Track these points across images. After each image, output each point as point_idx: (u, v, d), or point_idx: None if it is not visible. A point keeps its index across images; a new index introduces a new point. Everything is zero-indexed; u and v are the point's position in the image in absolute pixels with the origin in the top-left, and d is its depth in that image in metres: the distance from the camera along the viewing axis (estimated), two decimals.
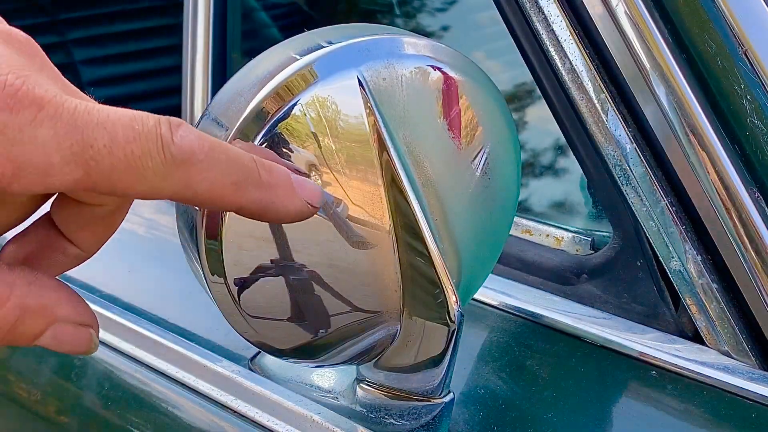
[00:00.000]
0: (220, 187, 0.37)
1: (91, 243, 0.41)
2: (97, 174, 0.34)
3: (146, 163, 0.35)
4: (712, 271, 0.56)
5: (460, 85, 0.49)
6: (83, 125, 0.34)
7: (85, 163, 0.34)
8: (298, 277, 0.48)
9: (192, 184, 0.36)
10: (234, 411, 0.64)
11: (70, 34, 1.64)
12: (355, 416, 0.57)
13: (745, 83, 0.52)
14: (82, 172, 0.34)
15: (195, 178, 0.36)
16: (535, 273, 0.66)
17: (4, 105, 0.33)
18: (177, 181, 0.36)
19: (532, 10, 0.58)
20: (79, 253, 0.41)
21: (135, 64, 1.68)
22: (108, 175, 0.35)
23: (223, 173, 0.37)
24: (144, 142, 0.35)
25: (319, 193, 0.41)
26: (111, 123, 0.35)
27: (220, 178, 0.37)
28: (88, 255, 0.41)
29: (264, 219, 0.40)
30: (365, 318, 0.50)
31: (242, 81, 0.47)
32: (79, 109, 0.34)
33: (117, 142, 0.34)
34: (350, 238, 0.48)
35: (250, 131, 0.45)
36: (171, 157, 0.35)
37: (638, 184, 0.56)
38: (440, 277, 0.49)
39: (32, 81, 0.34)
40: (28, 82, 0.34)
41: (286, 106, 0.45)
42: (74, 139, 0.34)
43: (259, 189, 0.39)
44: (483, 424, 0.57)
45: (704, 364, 0.56)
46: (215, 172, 0.37)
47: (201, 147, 0.36)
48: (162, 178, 0.36)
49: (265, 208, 0.39)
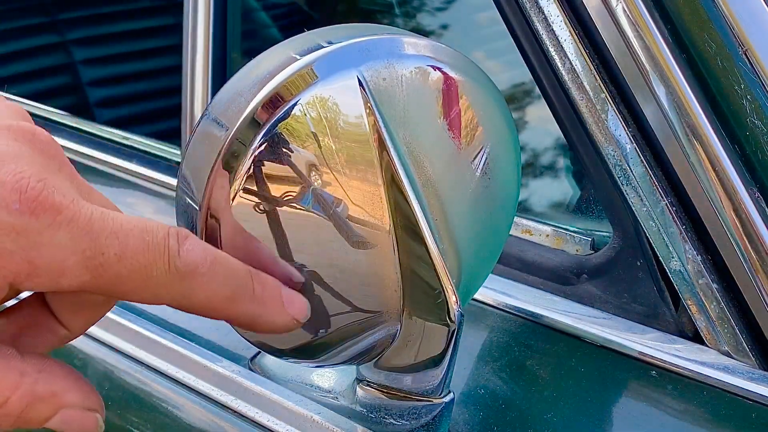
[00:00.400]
0: (216, 299, 0.39)
1: (80, 325, 0.43)
2: (104, 280, 0.36)
3: (151, 273, 0.37)
4: (712, 271, 0.56)
5: (460, 85, 0.49)
6: (98, 232, 0.36)
7: (95, 268, 0.36)
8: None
9: (190, 296, 0.38)
10: (234, 411, 0.64)
11: (70, 34, 1.64)
12: (355, 416, 0.57)
13: (745, 83, 0.52)
14: (91, 276, 0.36)
15: (194, 291, 0.38)
16: (535, 273, 0.66)
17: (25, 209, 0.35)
18: (177, 292, 0.38)
19: (532, 10, 0.58)
20: (67, 334, 0.42)
21: (135, 64, 1.68)
22: (113, 281, 0.37)
23: (220, 286, 0.39)
24: (152, 254, 0.37)
25: (305, 308, 0.44)
26: (124, 233, 0.37)
27: (217, 291, 0.39)
28: (75, 336, 0.43)
29: (251, 329, 0.42)
30: (365, 318, 0.50)
31: (242, 81, 0.47)
32: (95, 216, 0.36)
33: (127, 252, 0.36)
34: (350, 238, 0.48)
35: (250, 131, 0.45)
36: (175, 270, 0.38)
37: (638, 184, 0.56)
38: (440, 277, 0.49)
39: (51, 185, 0.36)
40: (47, 186, 0.36)
41: (287, 106, 0.45)
42: (88, 245, 0.36)
43: (252, 303, 0.41)
44: (483, 424, 0.57)
45: (704, 364, 0.56)
46: (214, 285, 0.39)
47: (204, 261, 0.38)
48: (163, 288, 0.38)
49: (254, 320, 0.41)
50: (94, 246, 0.36)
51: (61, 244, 0.35)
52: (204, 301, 0.39)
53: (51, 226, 0.35)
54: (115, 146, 0.98)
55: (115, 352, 0.74)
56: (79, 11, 1.66)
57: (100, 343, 0.76)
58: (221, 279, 0.39)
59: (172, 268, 0.37)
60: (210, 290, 0.39)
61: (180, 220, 0.48)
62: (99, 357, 0.75)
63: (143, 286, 0.37)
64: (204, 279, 0.39)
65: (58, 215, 0.35)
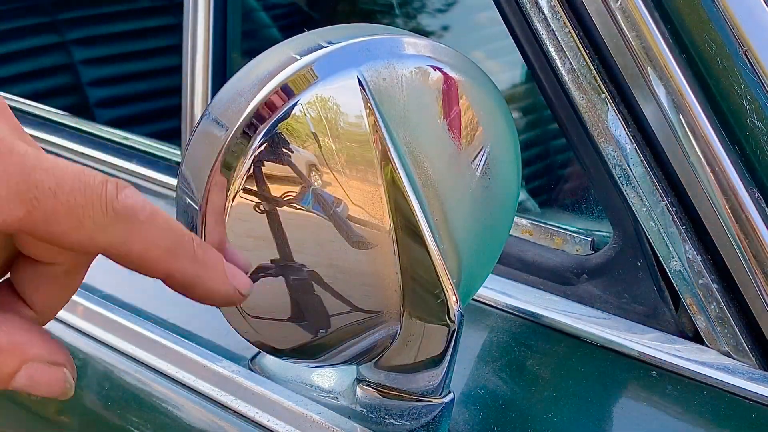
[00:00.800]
0: (153, 249, 0.38)
1: (45, 305, 0.42)
2: (39, 214, 0.36)
3: (87, 212, 0.36)
4: (712, 271, 0.56)
5: (460, 85, 0.49)
6: (31, 167, 0.35)
7: (29, 201, 0.35)
8: (298, 277, 0.48)
9: (127, 242, 0.38)
10: (234, 411, 0.64)
11: (70, 34, 1.64)
12: (355, 416, 0.57)
13: (745, 83, 0.52)
14: (24, 211, 0.35)
15: (131, 237, 0.38)
16: (535, 273, 0.66)
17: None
18: (114, 236, 0.37)
19: (532, 10, 0.58)
20: (34, 316, 0.42)
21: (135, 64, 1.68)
22: (48, 217, 0.36)
23: (159, 237, 0.38)
24: (89, 193, 0.36)
25: (248, 283, 0.42)
26: (60, 170, 0.36)
27: (155, 241, 0.38)
28: (43, 320, 0.42)
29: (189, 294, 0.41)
30: (365, 318, 0.50)
31: (242, 81, 0.47)
32: (29, 152, 0.36)
33: (62, 188, 0.36)
34: (350, 238, 0.48)
35: (251, 131, 0.45)
36: (112, 211, 0.37)
37: (638, 184, 0.56)
38: (440, 277, 0.49)
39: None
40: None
41: (287, 106, 0.45)
42: (21, 177, 0.35)
43: (191, 262, 0.40)
44: (483, 424, 0.57)
45: (704, 364, 0.56)
46: (152, 234, 0.38)
47: (143, 209, 0.38)
48: (100, 229, 0.37)
49: (193, 282, 0.40)
50: (28, 179, 0.35)
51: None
52: (141, 250, 0.38)
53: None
54: (115, 146, 0.98)
55: (115, 352, 0.74)
56: (79, 11, 1.66)
57: (100, 343, 0.76)
58: (161, 231, 0.38)
59: (110, 209, 0.37)
60: (148, 239, 0.38)
61: (180, 220, 0.48)
62: (99, 357, 0.75)
63: (79, 226, 0.36)
64: (142, 226, 0.38)
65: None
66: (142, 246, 0.38)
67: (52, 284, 0.41)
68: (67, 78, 1.63)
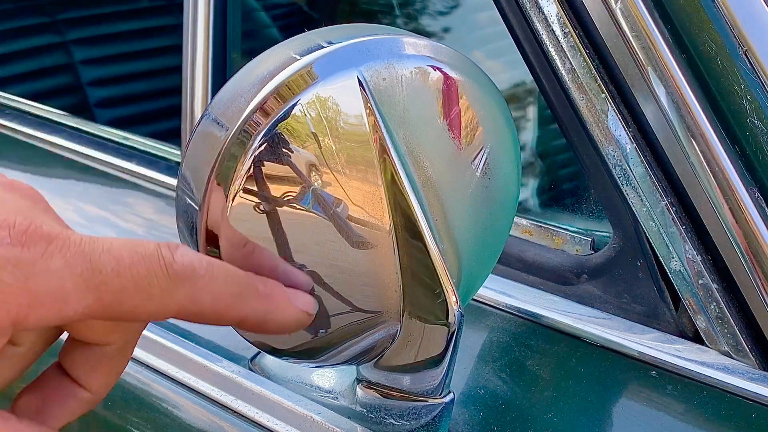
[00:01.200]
0: (222, 299, 0.40)
1: (101, 385, 0.43)
2: (108, 296, 0.37)
3: (152, 281, 0.38)
4: (712, 271, 0.56)
5: (460, 85, 0.49)
6: (90, 253, 0.37)
7: (96, 287, 0.37)
8: None
9: (196, 299, 0.39)
10: (234, 411, 0.64)
11: (70, 34, 1.64)
12: (355, 416, 0.57)
13: (745, 83, 0.52)
14: (94, 297, 0.37)
15: (198, 293, 0.39)
16: (535, 273, 0.66)
17: (16, 242, 0.36)
18: (182, 297, 0.38)
19: (532, 10, 0.58)
20: (90, 396, 0.43)
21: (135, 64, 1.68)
22: (118, 296, 0.37)
23: (223, 286, 0.40)
24: (148, 263, 0.38)
25: (311, 300, 0.44)
26: (116, 249, 0.38)
27: (221, 291, 0.40)
28: (99, 398, 0.43)
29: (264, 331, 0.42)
30: (365, 318, 0.50)
31: (242, 81, 0.47)
32: (84, 240, 0.37)
33: (123, 265, 0.37)
34: (350, 239, 0.48)
35: (250, 131, 0.45)
36: (174, 274, 0.38)
37: (638, 184, 0.56)
38: (440, 277, 0.49)
39: (39, 220, 0.37)
40: (35, 222, 0.37)
41: (287, 106, 0.45)
42: (84, 266, 0.37)
43: (258, 299, 0.41)
44: (483, 424, 0.57)
45: (704, 364, 0.56)
46: (216, 285, 0.39)
47: (200, 264, 0.39)
48: (168, 295, 0.38)
49: (264, 319, 0.42)
50: (91, 266, 0.37)
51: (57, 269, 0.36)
52: (211, 303, 0.39)
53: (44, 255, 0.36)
54: (115, 146, 0.98)
55: None
56: (79, 11, 1.66)
57: None
58: (222, 279, 0.40)
59: (171, 272, 0.38)
60: (215, 291, 0.39)
61: (180, 220, 0.48)
62: None
63: (147, 297, 0.38)
64: (204, 281, 0.39)
65: (49, 245, 0.36)
66: (210, 299, 0.39)
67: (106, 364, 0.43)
68: (67, 78, 1.63)
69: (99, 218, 0.91)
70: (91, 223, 0.91)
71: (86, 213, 0.93)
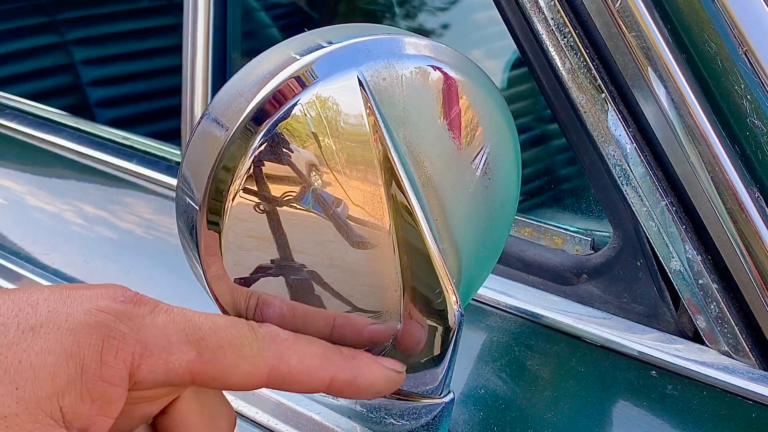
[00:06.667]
0: (309, 358, 0.44)
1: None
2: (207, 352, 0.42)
3: (243, 342, 0.43)
4: (712, 271, 0.56)
5: (460, 85, 0.49)
6: (191, 315, 0.43)
7: (197, 342, 0.42)
8: (298, 277, 0.48)
9: (284, 358, 0.44)
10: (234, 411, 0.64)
11: (70, 34, 1.64)
12: (355, 416, 0.57)
13: (745, 83, 0.52)
14: (195, 352, 0.42)
15: (285, 353, 0.44)
16: (535, 273, 0.66)
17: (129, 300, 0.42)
18: (271, 356, 0.43)
19: (532, 10, 0.58)
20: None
21: (135, 64, 1.68)
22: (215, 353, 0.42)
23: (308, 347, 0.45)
24: (239, 326, 0.43)
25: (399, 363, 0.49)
26: (210, 316, 0.43)
27: (306, 351, 0.44)
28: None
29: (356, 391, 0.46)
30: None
31: (242, 81, 0.47)
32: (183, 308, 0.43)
33: (218, 326, 0.43)
34: (350, 238, 0.48)
35: (250, 131, 0.45)
36: (261, 336, 0.44)
37: (638, 184, 0.56)
38: (440, 277, 0.49)
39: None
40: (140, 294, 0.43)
41: (287, 106, 0.45)
42: (186, 323, 0.42)
43: (345, 360, 0.46)
44: (483, 424, 0.57)
45: (704, 364, 0.56)
46: (302, 347, 0.44)
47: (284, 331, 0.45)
48: (258, 354, 0.43)
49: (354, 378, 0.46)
50: (191, 324, 0.42)
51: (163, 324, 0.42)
52: (299, 362, 0.44)
53: (152, 313, 0.42)
54: (115, 146, 0.98)
55: None
56: (79, 11, 1.66)
57: None
58: (306, 342, 0.45)
59: (259, 334, 0.43)
60: (301, 351, 0.44)
61: (180, 220, 0.48)
62: None
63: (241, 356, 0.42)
64: (290, 342, 0.44)
65: (156, 307, 0.42)
66: (298, 358, 0.44)
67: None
68: (67, 78, 1.63)
69: (99, 218, 0.91)
70: (91, 223, 0.91)
71: (86, 213, 0.93)
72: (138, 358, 0.40)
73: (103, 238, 0.88)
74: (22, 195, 1.00)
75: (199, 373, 0.42)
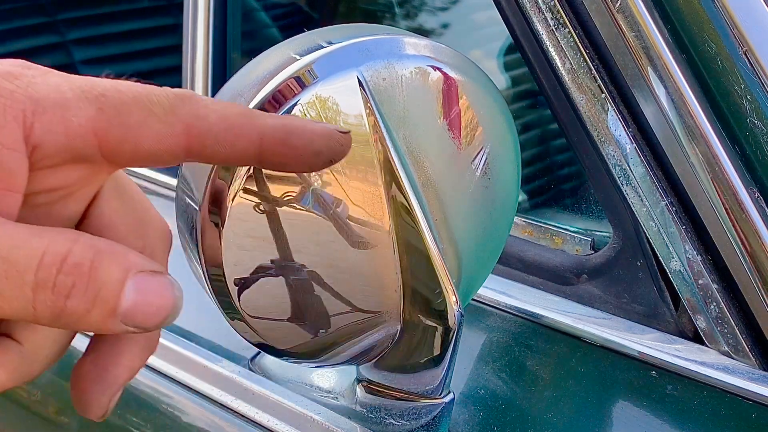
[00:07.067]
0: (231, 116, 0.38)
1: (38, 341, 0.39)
2: (110, 109, 0.36)
3: (151, 99, 0.37)
4: (712, 271, 0.56)
5: (460, 85, 0.49)
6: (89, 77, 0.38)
7: (96, 98, 0.37)
8: (298, 277, 0.48)
9: (201, 115, 0.37)
10: (234, 411, 0.64)
11: (70, 34, 1.64)
12: (355, 416, 0.57)
13: (745, 83, 0.52)
14: (95, 108, 0.36)
15: (203, 110, 0.37)
16: (535, 273, 0.66)
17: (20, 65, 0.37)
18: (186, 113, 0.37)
19: (532, 10, 0.58)
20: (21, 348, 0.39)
21: (135, 64, 1.68)
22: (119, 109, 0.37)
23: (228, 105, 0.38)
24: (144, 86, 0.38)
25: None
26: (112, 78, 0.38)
27: (227, 108, 0.38)
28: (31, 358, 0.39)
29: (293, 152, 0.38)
30: (365, 318, 0.50)
31: (242, 81, 0.47)
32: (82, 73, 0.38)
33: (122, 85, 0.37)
34: (350, 238, 0.48)
35: None
36: (173, 93, 0.38)
37: (638, 184, 0.56)
38: (440, 277, 0.49)
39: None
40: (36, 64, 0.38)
41: (287, 106, 0.45)
42: (83, 81, 0.37)
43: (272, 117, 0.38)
44: (483, 424, 0.57)
45: (704, 364, 0.56)
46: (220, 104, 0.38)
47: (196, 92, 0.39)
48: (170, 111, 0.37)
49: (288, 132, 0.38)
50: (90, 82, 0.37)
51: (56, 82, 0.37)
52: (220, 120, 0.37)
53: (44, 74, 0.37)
54: None
55: None
56: (79, 11, 1.66)
57: None
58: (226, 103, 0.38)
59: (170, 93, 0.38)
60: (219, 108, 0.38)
61: (180, 220, 0.48)
62: None
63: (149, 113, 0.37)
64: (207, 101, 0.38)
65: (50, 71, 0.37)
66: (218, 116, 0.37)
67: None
68: None
69: None
70: None
71: None
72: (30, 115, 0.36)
73: None
74: None
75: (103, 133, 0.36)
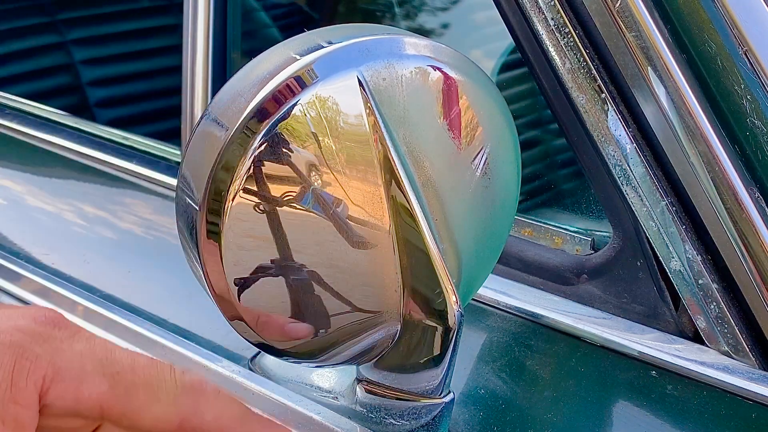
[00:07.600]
0: (225, 417, 0.43)
1: None
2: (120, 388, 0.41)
3: (161, 385, 0.42)
4: (712, 271, 0.56)
5: (460, 85, 0.49)
6: (112, 348, 0.42)
7: (111, 376, 0.41)
8: (298, 277, 0.48)
9: (199, 412, 0.42)
10: None
11: (70, 34, 1.64)
12: (355, 416, 0.57)
13: (745, 83, 0.52)
14: (108, 385, 0.41)
15: (202, 407, 0.42)
16: (535, 273, 0.66)
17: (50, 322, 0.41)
18: (186, 406, 0.42)
19: (532, 10, 0.58)
20: None
21: (135, 64, 1.68)
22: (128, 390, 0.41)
23: (227, 406, 0.43)
24: (160, 368, 0.42)
25: None
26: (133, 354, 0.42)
27: (224, 410, 0.43)
28: None
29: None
30: (365, 318, 0.50)
31: (242, 81, 0.47)
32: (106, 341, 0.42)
33: (138, 364, 0.42)
34: (350, 238, 0.48)
35: (250, 131, 0.45)
36: (182, 383, 0.42)
37: (638, 184, 0.56)
38: (440, 277, 0.49)
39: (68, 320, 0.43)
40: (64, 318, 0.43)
41: (287, 106, 0.45)
42: (105, 354, 0.41)
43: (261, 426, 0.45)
44: (483, 424, 0.57)
45: (704, 364, 0.56)
46: (220, 404, 0.43)
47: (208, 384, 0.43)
48: (173, 401, 0.42)
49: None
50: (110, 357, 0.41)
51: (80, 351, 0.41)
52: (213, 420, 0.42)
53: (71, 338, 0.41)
54: (115, 146, 0.98)
55: None
56: (79, 11, 1.66)
57: None
58: (227, 401, 0.43)
59: (179, 381, 0.42)
60: (218, 408, 0.43)
61: (180, 220, 0.48)
62: None
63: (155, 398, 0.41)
64: (209, 396, 0.43)
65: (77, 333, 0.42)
66: (213, 416, 0.42)
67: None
68: (67, 78, 1.63)
69: (98, 218, 0.91)
70: (91, 223, 0.91)
71: (86, 213, 0.93)
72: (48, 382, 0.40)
73: (103, 238, 0.88)
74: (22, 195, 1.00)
75: (109, 408, 0.41)
